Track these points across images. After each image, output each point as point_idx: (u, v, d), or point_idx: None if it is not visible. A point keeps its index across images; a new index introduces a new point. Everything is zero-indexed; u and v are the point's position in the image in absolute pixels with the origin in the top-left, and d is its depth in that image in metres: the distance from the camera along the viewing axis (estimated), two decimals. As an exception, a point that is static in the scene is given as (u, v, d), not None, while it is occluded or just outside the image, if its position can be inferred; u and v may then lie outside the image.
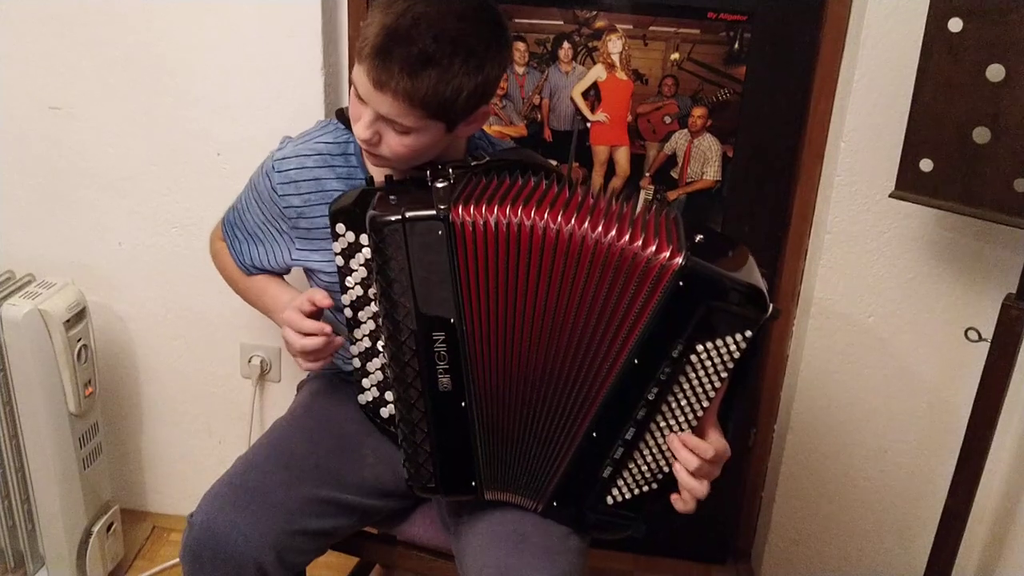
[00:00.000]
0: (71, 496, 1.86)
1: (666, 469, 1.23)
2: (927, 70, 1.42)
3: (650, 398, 1.19)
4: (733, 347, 1.15)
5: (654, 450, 1.23)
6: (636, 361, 1.18)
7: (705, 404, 1.20)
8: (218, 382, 2.08)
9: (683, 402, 1.20)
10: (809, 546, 2.04)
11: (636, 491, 1.26)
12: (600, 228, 1.17)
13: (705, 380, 1.18)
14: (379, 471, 1.46)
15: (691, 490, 1.20)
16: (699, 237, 1.18)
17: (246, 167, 1.56)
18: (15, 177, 1.94)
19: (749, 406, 2.02)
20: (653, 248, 1.15)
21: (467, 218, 1.20)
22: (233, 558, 1.30)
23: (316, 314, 1.34)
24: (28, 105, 1.87)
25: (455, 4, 1.22)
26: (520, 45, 1.78)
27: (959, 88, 1.40)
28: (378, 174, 1.35)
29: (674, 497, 1.22)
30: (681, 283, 1.14)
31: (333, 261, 1.33)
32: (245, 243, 1.53)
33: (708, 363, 1.17)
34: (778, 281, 1.90)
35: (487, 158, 1.36)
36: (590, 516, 1.29)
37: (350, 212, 1.27)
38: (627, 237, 1.17)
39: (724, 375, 1.17)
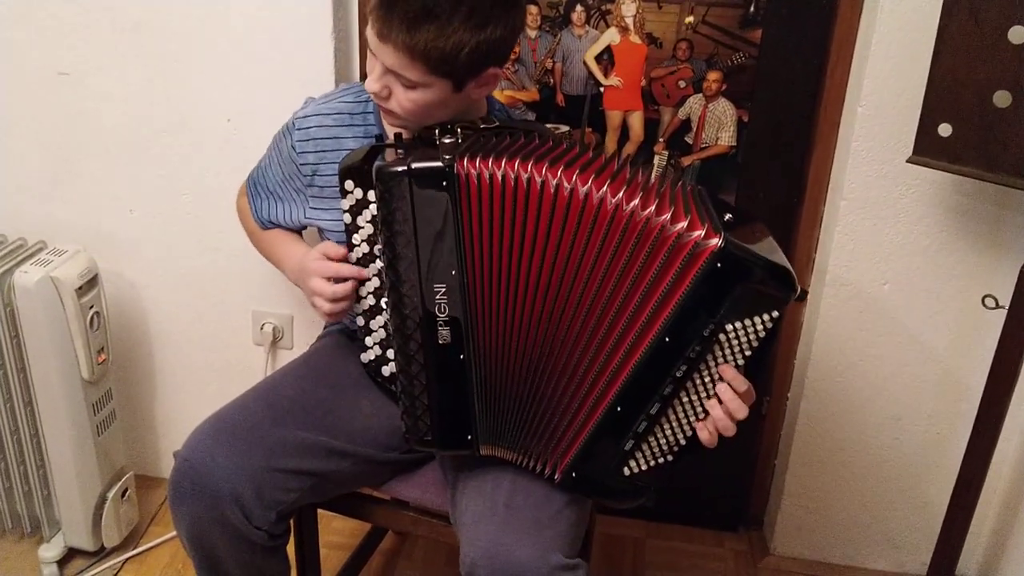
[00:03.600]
0: (86, 462, 1.87)
1: (683, 441, 1.24)
2: (947, 33, 1.40)
3: (678, 375, 1.19)
4: (760, 327, 1.16)
5: (674, 424, 1.23)
6: (667, 339, 1.18)
7: None
8: (230, 349, 2.08)
9: (707, 378, 1.20)
10: (821, 514, 2.04)
11: (652, 463, 1.26)
12: (622, 193, 1.16)
13: (730, 357, 1.18)
14: (374, 423, 1.46)
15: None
16: (728, 216, 1.18)
17: (257, 133, 1.55)
18: (26, 144, 1.93)
19: (763, 374, 2.01)
20: (684, 224, 1.14)
21: (472, 170, 1.20)
22: (211, 489, 1.32)
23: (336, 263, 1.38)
24: (38, 71, 1.87)
25: None
26: (532, 8, 1.76)
27: (980, 51, 1.37)
28: (392, 132, 1.36)
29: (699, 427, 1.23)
30: (719, 264, 1.13)
31: (341, 220, 1.34)
32: (265, 200, 1.56)
33: (735, 341, 1.17)
34: (793, 248, 1.89)
35: (496, 123, 1.36)
36: (607, 485, 1.29)
37: (359, 169, 1.28)
38: (653, 208, 1.15)
39: (749, 353, 1.18)
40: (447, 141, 1.25)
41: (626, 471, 1.27)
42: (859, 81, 1.67)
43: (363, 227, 1.31)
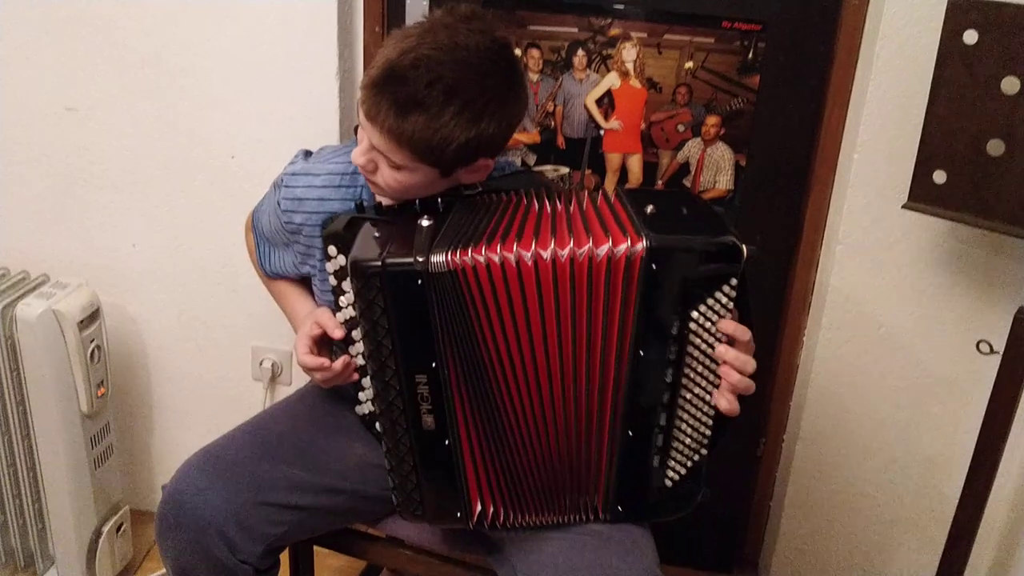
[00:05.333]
0: (82, 496, 1.87)
1: (708, 433, 1.24)
2: (942, 82, 1.42)
3: (668, 381, 1.20)
4: (724, 299, 1.16)
5: (691, 422, 1.24)
6: (642, 353, 1.19)
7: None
8: (229, 384, 2.09)
9: (699, 367, 1.20)
10: (817, 556, 2.04)
11: (689, 463, 1.26)
12: (553, 244, 1.16)
13: (711, 338, 1.18)
14: (368, 463, 1.46)
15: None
16: (650, 208, 1.19)
17: (260, 170, 1.57)
18: (31, 178, 1.95)
19: (758, 415, 2.02)
20: (609, 243, 1.15)
21: (445, 266, 1.17)
22: (196, 522, 1.32)
23: (324, 337, 1.37)
24: (45, 106, 1.89)
25: (465, 52, 1.18)
26: (535, 52, 1.79)
27: (974, 100, 1.40)
28: (379, 198, 1.38)
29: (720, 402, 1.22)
30: (654, 265, 1.14)
31: (327, 280, 1.34)
32: (266, 245, 1.56)
33: (708, 323, 1.17)
34: (789, 291, 1.90)
35: (480, 188, 1.34)
36: (657, 504, 1.29)
37: (341, 236, 1.27)
38: (588, 244, 1.15)
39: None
40: (425, 224, 1.23)
41: (668, 483, 1.27)
42: (855, 127, 1.70)
43: (348, 292, 1.29)
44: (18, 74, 1.87)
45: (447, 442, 1.26)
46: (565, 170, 1.86)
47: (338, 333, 1.34)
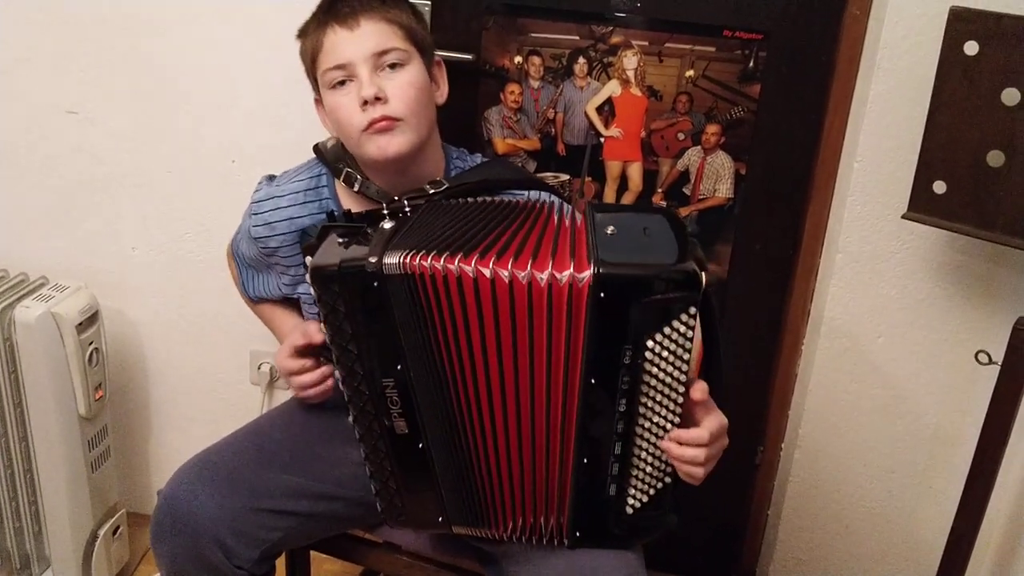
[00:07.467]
0: (78, 499, 1.86)
1: (669, 462, 1.22)
2: (942, 92, 1.43)
3: (622, 410, 1.17)
4: (683, 328, 1.11)
5: (651, 451, 1.20)
6: (593, 381, 1.16)
7: (681, 390, 1.16)
8: (227, 388, 2.09)
9: (658, 397, 1.16)
10: (815, 565, 2.04)
11: (651, 491, 1.23)
12: (493, 263, 1.14)
13: (670, 368, 1.14)
14: (363, 470, 1.46)
15: (697, 477, 1.20)
16: (610, 229, 1.17)
17: (260, 175, 1.57)
18: (31, 180, 1.95)
19: (757, 424, 2.02)
20: (550, 269, 1.12)
21: (399, 268, 1.16)
22: (192, 528, 1.32)
23: (308, 348, 1.37)
24: (45, 109, 1.89)
25: None
26: (536, 59, 1.79)
27: (974, 111, 1.40)
28: (353, 204, 1.39)
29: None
30: (602, 294, 1.11)
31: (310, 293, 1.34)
32: (249, 270, 1.58)
33: (665, 352, 1.13)
34: (788, 300, 1.90)
35: (446, 185, 1.38)
36: (618, 531, 1.27)
37: (314, 248, 1.26)
38: (528, 268, 1.13)
39: (687, 357, 1.14)
40: (386, 227, 1.23)
41: (629, 510, 1.25)
42: (855, 137, 1.70)
43: None
44: (19, 76, 1.88)
45: (421, 445, 1.25)
46: (565, 177, 1.86)
47: (319, 338, 1.35)
